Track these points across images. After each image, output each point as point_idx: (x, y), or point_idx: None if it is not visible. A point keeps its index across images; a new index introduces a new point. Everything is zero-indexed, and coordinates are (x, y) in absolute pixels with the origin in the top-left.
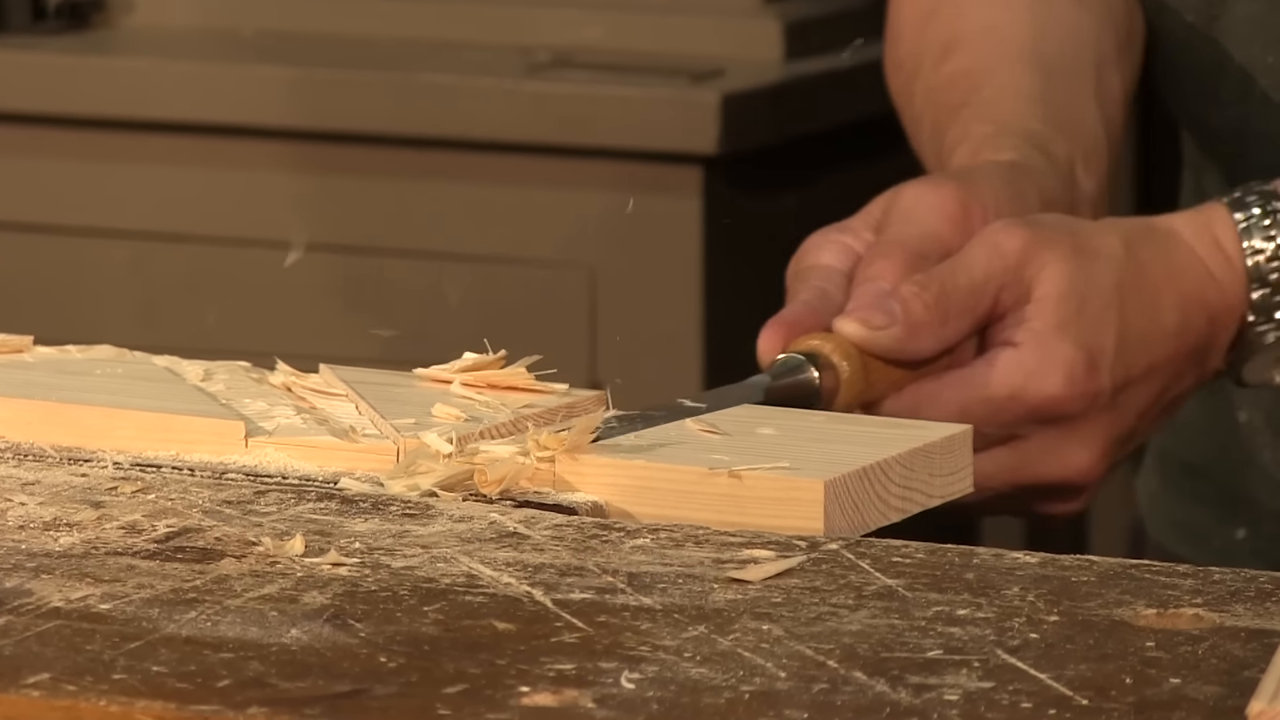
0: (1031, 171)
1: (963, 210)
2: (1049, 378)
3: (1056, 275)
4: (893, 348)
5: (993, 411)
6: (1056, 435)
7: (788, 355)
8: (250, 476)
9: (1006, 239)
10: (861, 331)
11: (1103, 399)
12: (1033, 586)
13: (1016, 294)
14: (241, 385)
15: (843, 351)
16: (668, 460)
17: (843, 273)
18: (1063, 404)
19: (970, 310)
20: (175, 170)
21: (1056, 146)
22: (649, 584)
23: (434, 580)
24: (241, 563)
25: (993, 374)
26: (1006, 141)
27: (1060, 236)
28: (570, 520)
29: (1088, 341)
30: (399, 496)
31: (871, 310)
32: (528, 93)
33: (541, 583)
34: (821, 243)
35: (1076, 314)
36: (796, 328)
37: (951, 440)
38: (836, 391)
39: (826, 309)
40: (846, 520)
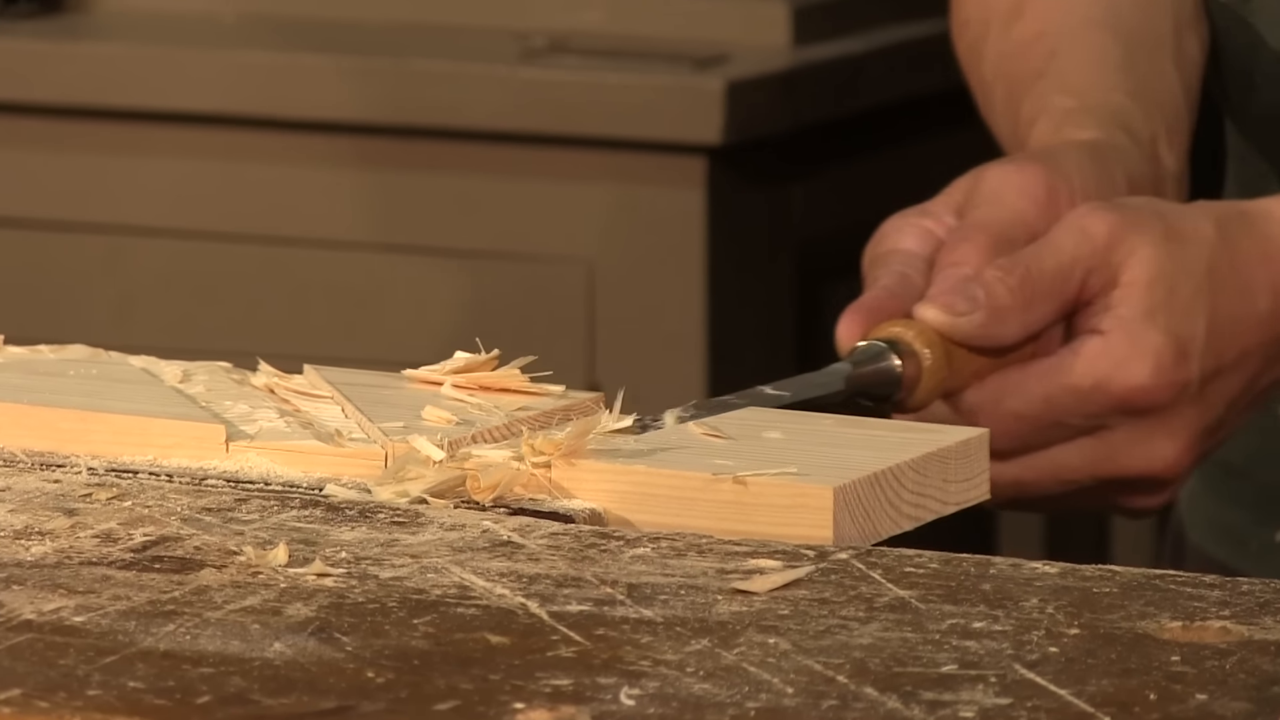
0: (1117, 151)
1: (1049, 193)
2: (1136, 367)
3: (1145, 260)
4: (976, 334)
5: (1078, 401)
6: (1143, 427)
7: (868, 342)
8: (231, 483)
9: (1094, 222)
10: (944, 317)
11: (1191, 389)
12: (1052, 598)
13: (1104, 279)
14: (222, 387)
15: (925, 338)
16: (669, 465)
17: (924, 257)
18: (1150, 394)
19: (1056, 295)
20: (152, 161)
21: (1140, 123)
22: (649, 595)
23: (424, 591)
24: (222, 573)
25: (1078, 363)
26: (1089, 118)
27: (1150, 220)
28: (567, 529)
29: (1176, 329)
30: (387, 504)
31: (954, 295)
32: (522, 80)
33: (537, 594)
34: (901, 226)
35: (1165, 300)
36: (877, 313)
37: (967, 445)
38: (919, 380)
39: (908, 294)
40: (857, 528)
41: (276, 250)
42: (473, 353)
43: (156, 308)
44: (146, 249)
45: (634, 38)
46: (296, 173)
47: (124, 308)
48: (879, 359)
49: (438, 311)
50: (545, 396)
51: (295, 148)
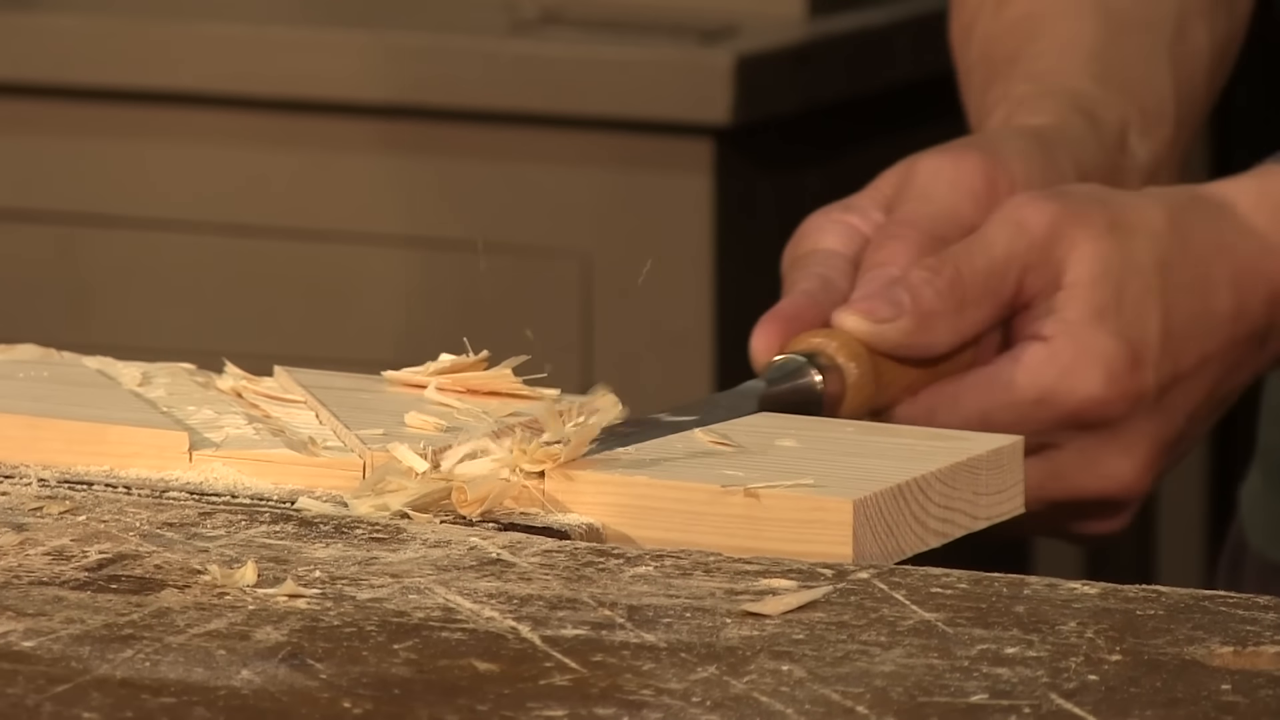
0: (1067, 137)
1: (987, 185)
2: (1085, 376)
3: (1090, 255)
4: (902, 342)
5: (1020, 417)
6: (1095, 443)
7: (786, 356)
8: (195, 495)
9: (1030, 214)
10: (865, 325)
11: (1147, 399)
12: (1092, 621)
13: (1045, 278)
14: (185, 390)
15: (849, 350)
16: (674, 477)
17: (847, 258)
18: (1101, 406)
19: (990, 297)
20: (108, 144)
21: (1106, 108)
22: (652, 618)
23: (405, 614)
24: (185, 594)
25: (1019, 373)
26: (1045, 103)
27: (1093, 210)
28: (562, 545)
29: (1128, 332)
30: (365, 518)
31: (877, 300)
32: (511, 54)
33: (529, 617)
34: (823, 224)
35: (1114, 300)
36: (795, 323)
37: (999, 454)
38: (842, 397)
39: (830, 300)
40: (879, 545)
41: (243, 241)
42: (459, 353)
43: (113, 303)
44: (102, 239)
45: (634, 8)
46: (263, 156)
47: (78, 304)
48: (797, 375)
49: (421, 308)
50: (538, 400)
51: (265, 129)
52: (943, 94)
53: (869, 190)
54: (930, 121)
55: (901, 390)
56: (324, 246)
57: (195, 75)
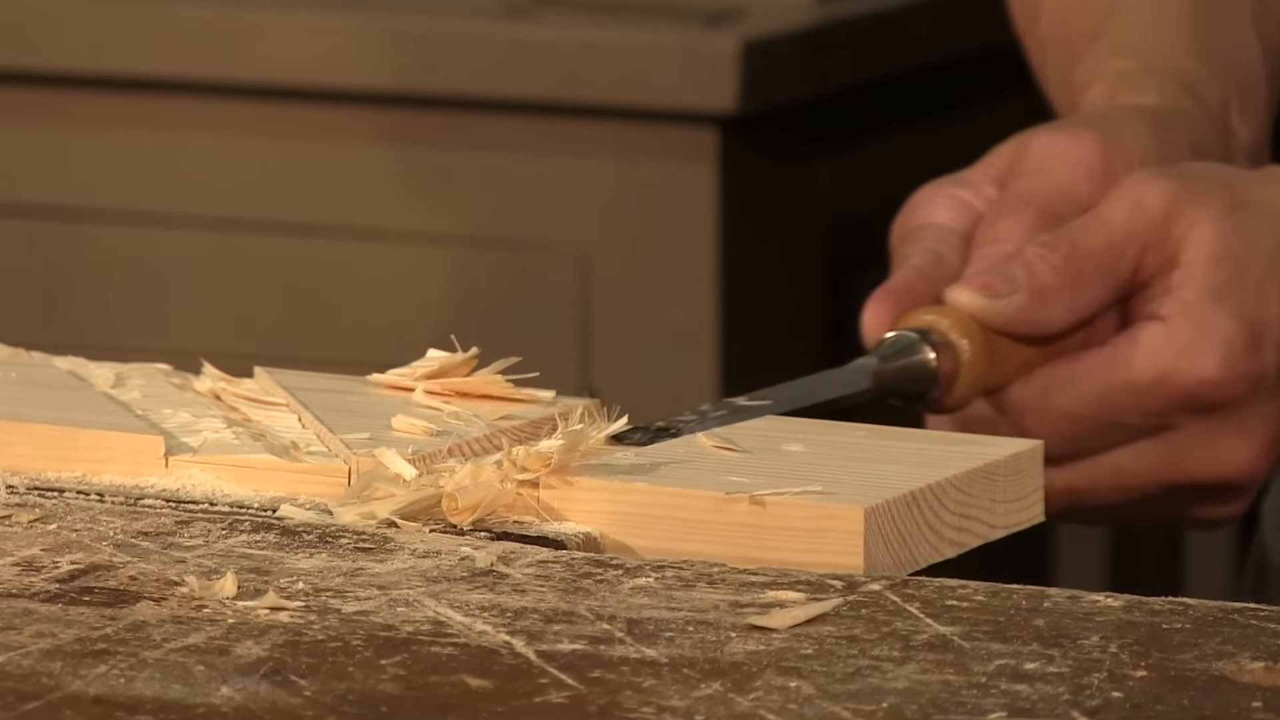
0: (1180, 117)
1: (1103, 163)
2: (1203, 357)
3: (1209, 235)
4: (1016, 319)
5: (1137, 398)
6: (1213, 425)
7: (898, 332)
8: (171, 503)
9: (1149, 192)
10: (979, 300)
11: (1267, 381)
12: (1116, 635)
13: (1163, 257)
14: (161, 392)
15: (963, 327)
16: (675, 483)
17: (960, 233)
18: (1220, 388)
19: (1108, 274)
20: (80, 133)
21: (1208, 88)
22: (653, 632)
23: (393, 628)
24: (161, 607)
25: (1137, 353)
26: (1150, 81)
27: (1213, 189)
28: (558, 556)
29: (1248, 312)
30: (351, 527)
31: (992, 275)
32: (505, 39)
33: (523, 631)
34: (934, 197)
35: (1234, 280)
36: (907, 298)
37: (1018, 459)
38: (956, 375)
39: (942, 276)
40: (891, 555)
41: (223, 235)
42: (449, 353)
43: (85, 301)
44: (74, 233)
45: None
46: (246, 146)
47: (47, 301)
48: (910, 351)
49: (408, 306)
50: (532, 404)
51: (242, 117)
52: (961, 80)
53: (981, 165)
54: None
55: (1015, 369)
56: (307, 241)
57: (173, 60)
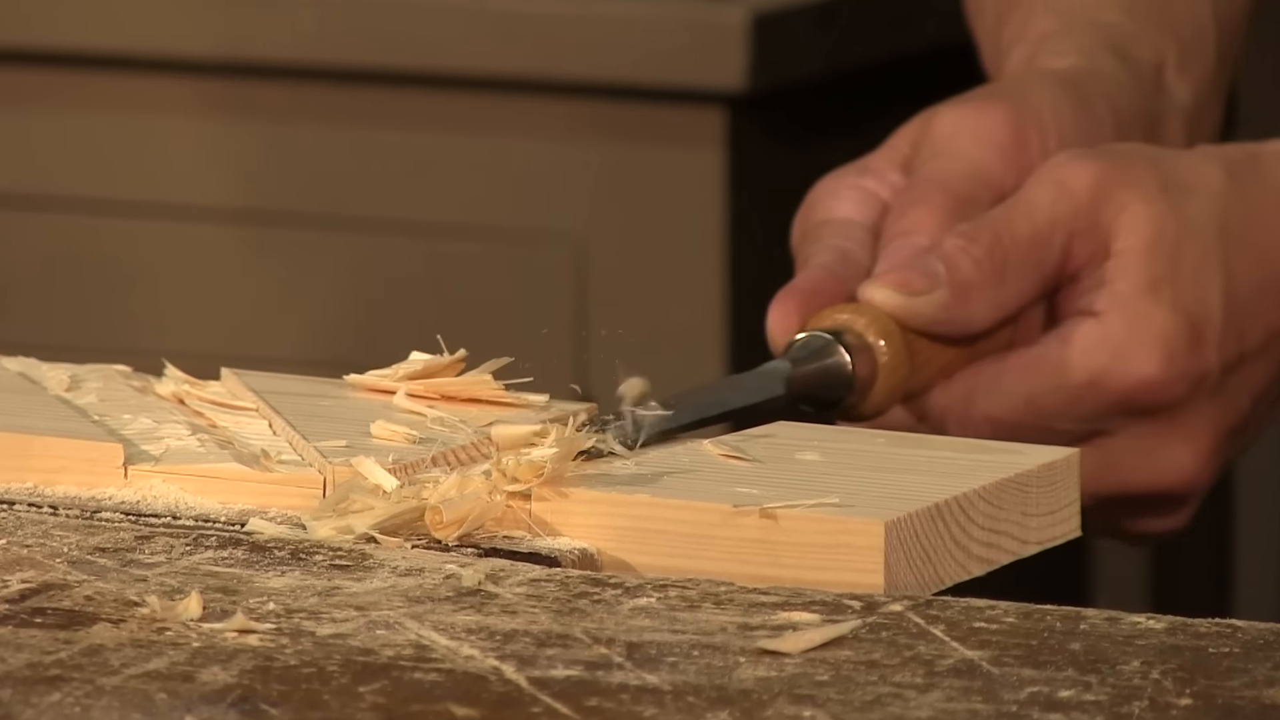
0: (1101, 80)
1: (1016, 138)
2: (1141, 355)
3: (1142, 219)
4: (938, 317)
5: (1069, 401)
6: (1152, 430)
7: (810, 334)
8: (131, 516)
9: (1074, 173)
10: (897, 298)
11: (1210, 380)
12: (1158, 660)
13: (1092, 246)
14: (119, 396)
15: (879, 327)
16: (679, 494)
17: (866, 226)
18: (1160, 389)
19: (1034, 266)
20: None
21: (1139, 44)
22: (655, 657)
23: (372, 652)
24: (120, 629)
25: (1069, 353)
26: (1070, 41)
27: (1144, 169)
28: (551, 574)
29: (1188, 305)
30: (326, 543)
31: (908, 271)
32: (494, 11)
33: (514, 655)
34: (835, 189)
35: (1171, 270)
36: (817, 298)
37: (1052, 469)
38: (874, 378)
39: (851, 274)
40: (914, 573)
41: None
42: (433, 353)
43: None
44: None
45: None
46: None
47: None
48: (824, 354)
49: (389, 302)
50: (524, 408)
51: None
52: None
53: (884, 150)
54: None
55: (935, 372)
56: (279, 231)
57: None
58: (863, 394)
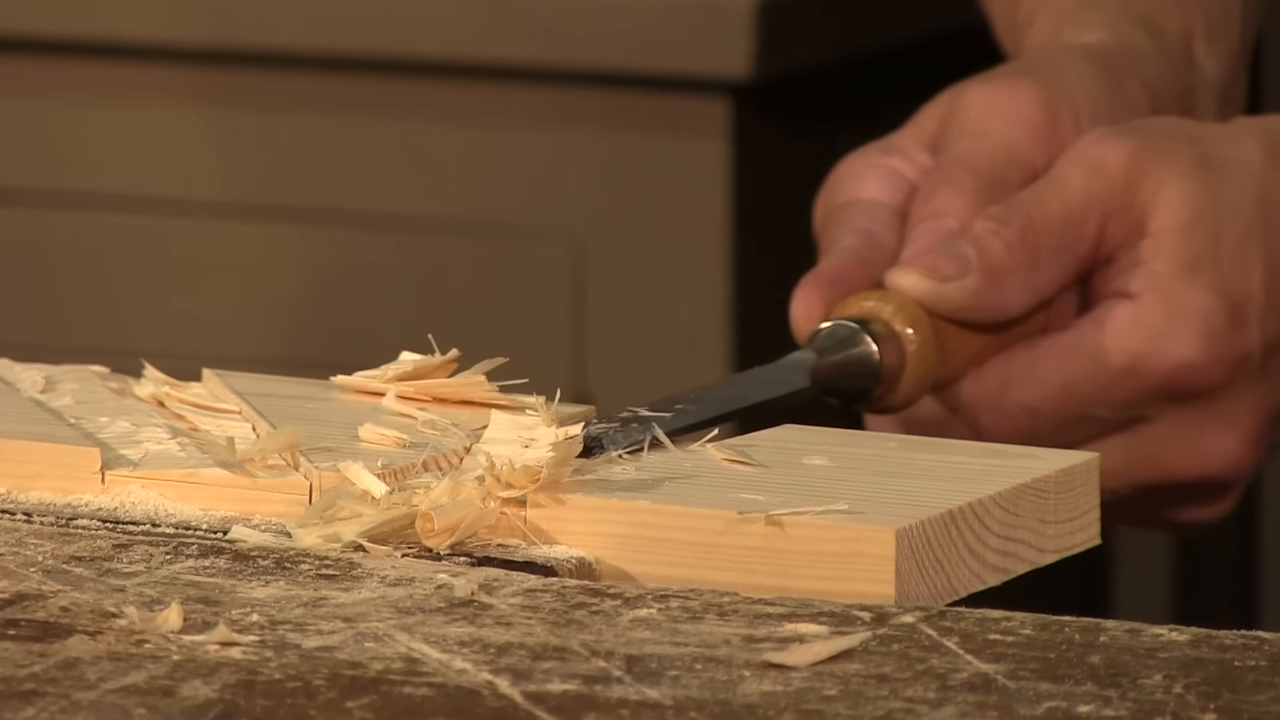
0: (1132, 56)
1: (1047, 116)
2: (1180, 338)
3: (1178, 198)
4: (969, 303)
5: (1106, 386)
6: (1193, 415)
7: (835, 323)
8: (108, 523)
9: (1108, 152)
10: (926, 284)
11: (1252, 362)
12: (1181, 673)
13: (1127, 226)
14: (96, 398)
15: (906, 314)
16: (681, 501)
17: (893, 209)
18: (1200, 372)
19: (1068, 249)
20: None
21: (1168, 17)
22: (655, 670)
23: (361, 665)
24: (97, 641)
25: (1105, 336)
26: (1097, 14)
27: (1179, 146)
28: (548, 584)
29: (1228, 285)
30: (312, 551)
31: (938, 256)
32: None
33: (508, 669)
34: (860, 169)
35: (1209, 249)
36: (841, 285)
37: (1070, 474)
38: (902, 368)
39: (878, 258)
40: (927, 583)
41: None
42: (424, 353)
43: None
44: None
45: None
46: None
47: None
48: (849, 343)
49: (377, 299)
50: (519, 411)
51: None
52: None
53: (910, 128)
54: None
55: (966, 361)
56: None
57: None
58: (891, 385)
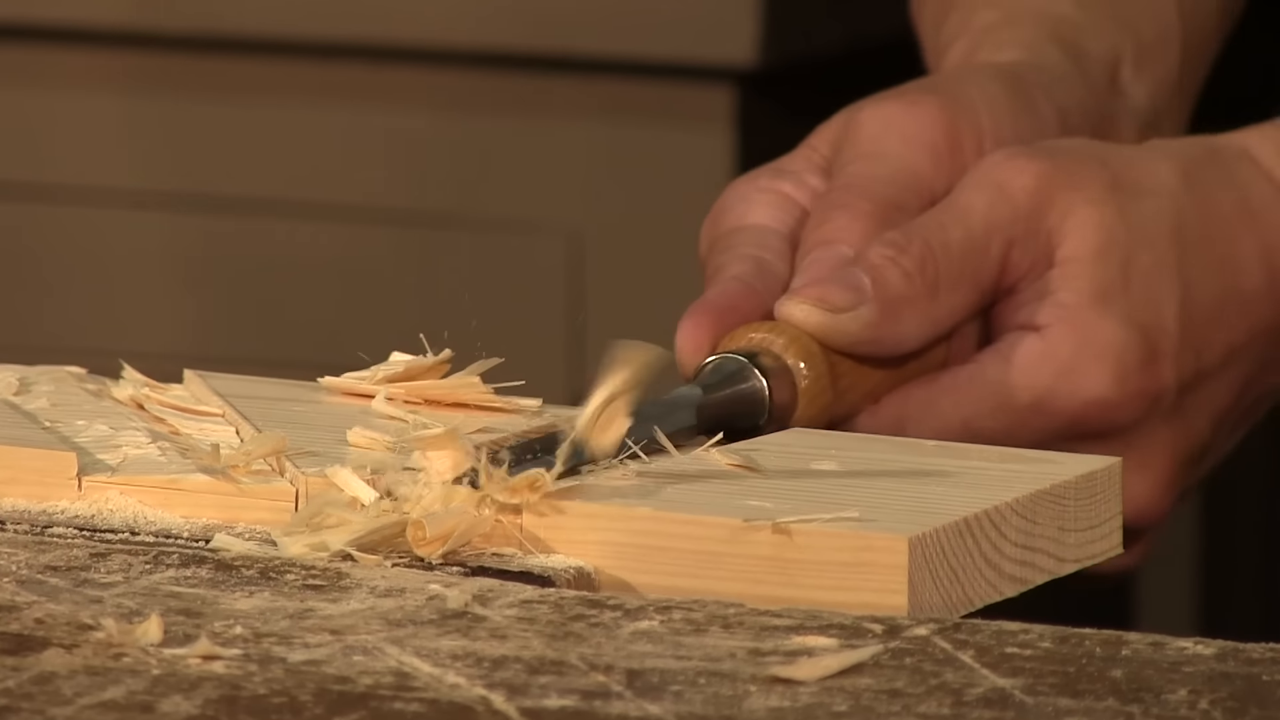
0: (1044, 76)
1: (948, 137)
2: (1089, 373)
3: (1088, 224)
4: (864, 336)
5: (1011, 425)
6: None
7: (721, 356)
8: (85, 532)
9: (1013, 174)
10: (818, 315)
11: (1166, 400)
12: (1207, 688)
13: (1033, 254)
14: (73, 400)
15: (799, 347)
16: (684, 508)
17: (783, 235)
18: (1111, 410)
19: (969, 278)
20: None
21: (1091, 39)
22: (657, 685)
23: (349, 680)
24: (73, 655)
25: (1009, 371)
26: (1014, 33)
27: (1089, 168)
28: (544, 594)
29: (1140, 317)
30: (298, 560)
31: (830, 285)
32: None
33: (503, 684)
34: (748, 194)
35: (1120, 278)
36: (730, 315)
37: (1091, 480)
38: (793, 405)
39: (769, 287)
40: (941, 594)
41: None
42: (415, 353)
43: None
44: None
45: None
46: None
47: None
48: (737, 379)
49: (368, 297)
50: (515, 414)
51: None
52: None
53: (802, 150)
54: None
55: (861, 397)
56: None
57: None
58: (781, 422)
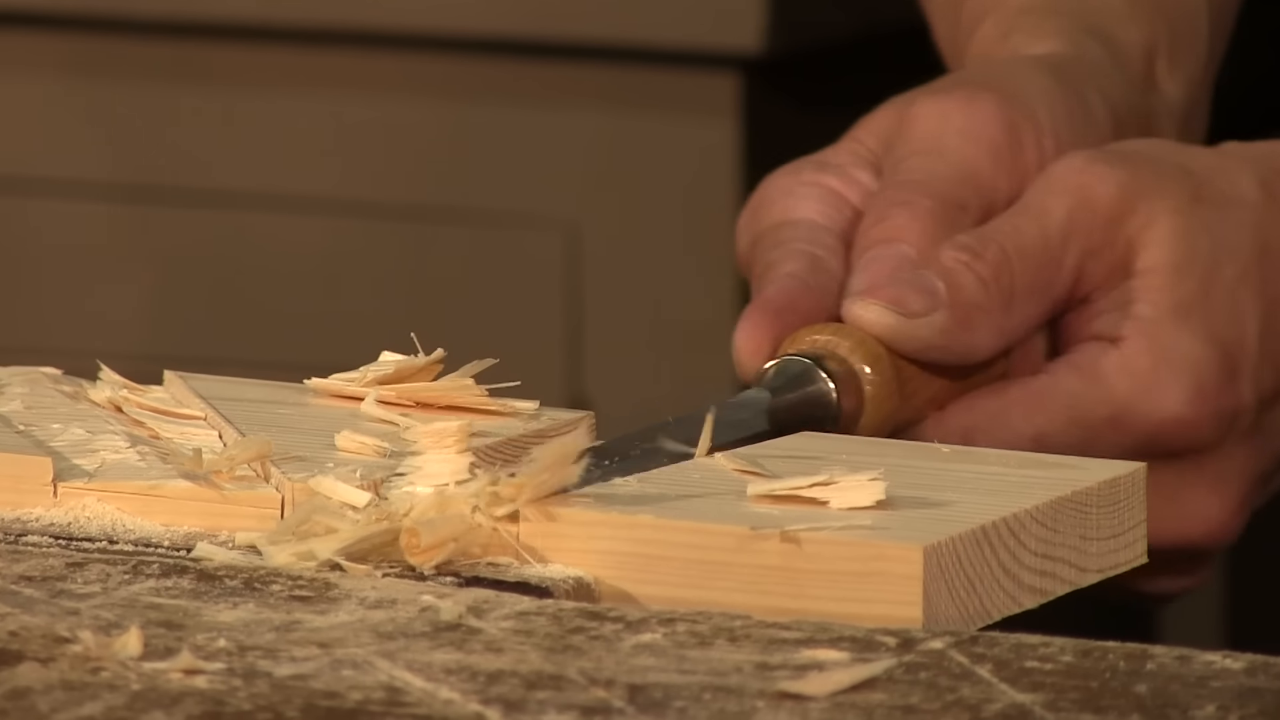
0: (1088, 70)
1: (1010, 136)
2: (1168, 390)
3: (1170, 235)
4: (936, 342)
5: (1084, 440)
6: (1176, 475)
7: (785, 358)
8: (61, 540)
9: (1097, 182)
10: (889, 319)
11: (1243, 419)
12: (1236, 704)
13: (1110, 264)
14: (48, 403)
15: (865, 351)
16: (689, 516)
17: (834, 232)
18: (1188, 428)
19: (1044, 288)
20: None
21: (1128, 30)
22: (660, 701)
23: (338, 695)
24: (49, 669)
25: (1084, 384)
26: (1050, 21)
27: (1172, 177)
28: (542, 606)
29: (1221, 334)
30: (285, 570)
31: (903, 288)
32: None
33: (499, 699)
34: (793, 187)
35: (1201, 292)
36: (790, 316)
37: (1115, 486)
38: (860, 410)
39: (823, 285)
40: (957, 606)
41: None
42: (406, 353)
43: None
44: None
45: None
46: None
47: None
48: (803, 381)
49: (355, 295)
50: (511, 416)
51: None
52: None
53: (848, 143)
54: None
55: (924, 403)
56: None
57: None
58: (846, 428)
